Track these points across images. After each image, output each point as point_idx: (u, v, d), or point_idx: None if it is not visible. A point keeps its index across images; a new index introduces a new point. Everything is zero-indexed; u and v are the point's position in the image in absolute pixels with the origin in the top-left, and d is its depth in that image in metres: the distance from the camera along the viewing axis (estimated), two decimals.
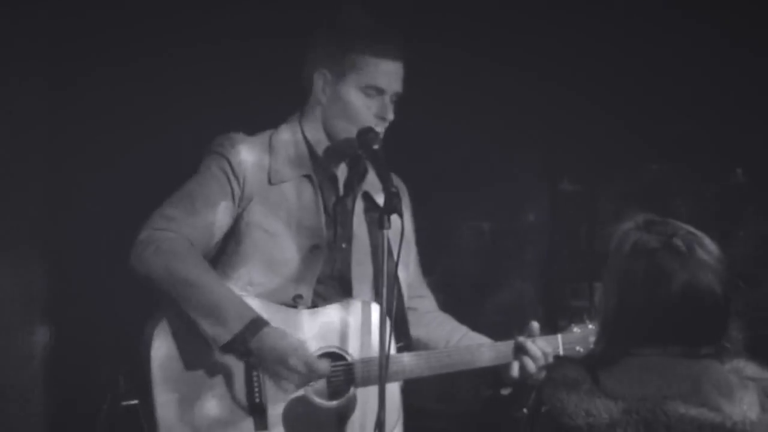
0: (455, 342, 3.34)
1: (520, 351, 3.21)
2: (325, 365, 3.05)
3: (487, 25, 4.57)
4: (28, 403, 4.54)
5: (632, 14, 4.43)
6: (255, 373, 3.06)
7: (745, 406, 2.30)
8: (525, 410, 3.64)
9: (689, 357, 2.34)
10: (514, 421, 3.79)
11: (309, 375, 3.03)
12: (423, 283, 3.49)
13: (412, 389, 3.33)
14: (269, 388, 3.07)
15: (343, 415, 3.15)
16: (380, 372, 2.89)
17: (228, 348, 3.00)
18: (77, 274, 4.63)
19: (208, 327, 2.99)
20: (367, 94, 3.18)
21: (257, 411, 3.07)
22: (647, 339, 2.35)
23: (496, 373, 3.29)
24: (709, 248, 2.37)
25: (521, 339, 3.23)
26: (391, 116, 3.20)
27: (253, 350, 3.01)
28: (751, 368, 2.43)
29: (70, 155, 4.56)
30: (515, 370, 3.23)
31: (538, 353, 3.20)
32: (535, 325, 3.27)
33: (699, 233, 2.40)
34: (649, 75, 4.50)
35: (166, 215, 3.11)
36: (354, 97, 3.18)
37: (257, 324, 3.00)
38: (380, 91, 3.18)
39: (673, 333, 2.34)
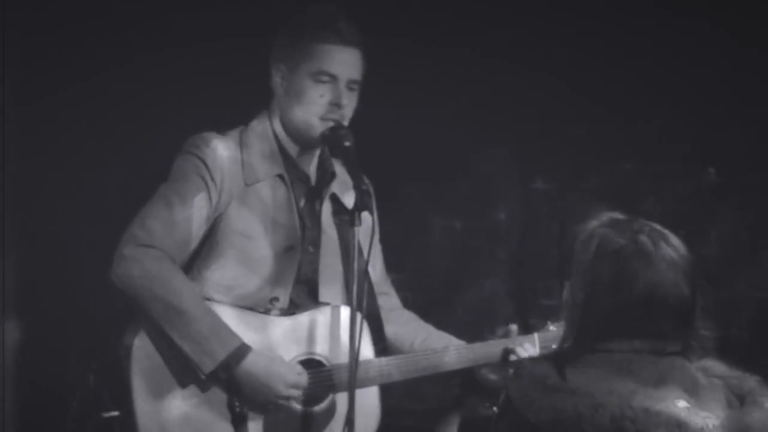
0: (420, 341, 3.34)
1: (510, 355, 3.22)
2: (305, 380, 3.06)
3: (462, 22, 4.57)
4: None
5: (607, 14, 4.43)
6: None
7: (711, 403, 2.30)
8: (495, 409, 3.65)
9: (656, 354, 2.34)
10: (485, 419, 3.80)
11: (295, 396, 3.05)
12: (387, 280, 3.48)
13: (382, 387, 3.31)
14: None
15: (324, 420, 3.15)
16: (350, 370, 2.89)
17: (212, 375, 3.00)
18: (46, 269, 4.61)
19: (192, 354, 2.98)
20: (320, 81, 3.15)
21: (238, 419, 3.06)
22: (614, 335, 2.35)
23: (468, 375, 3.29)
24: (674, 245, 2.38)
25: (510, 345, 3.24)
26: (345, 102, 3.16)
27: (237, 377, 3.00)
28: (719, 367, 2.43)
29: (40, 148, 4.54)
30: (494, 376, 3.25)
31: (525, 354, 3.22)
32: (514, 327, 3.29)
33: (665, 230, 2.41)
34: (623, 74, 4.52)
35: (148, 227, 3.05)
36: (306, 84, 3.16)
37: (242, 351, 3.00)
38: (333, 77, 3.15)
39: (639, 330, 2.34)
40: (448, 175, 4.76)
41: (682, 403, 2.28)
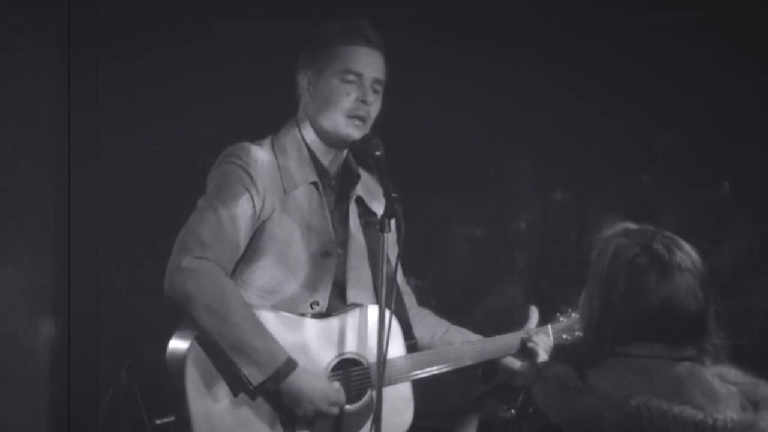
0: (440, 335, 3.38)
1: (527, 343, 3.30)
2: (342, 400, 3.12)
3: (483, 36, 4.62)
4: (33, 394, 4.57)
5: (625, 28, 4.46)
6: None
7: (726, 408, 2.34)
8: (513, 411, 3.69)
9: (673, 359, 2.38)
10: (503, 421, 3.83)
11: (331, 411, 3.10)
12: (404, 281, 3.52)
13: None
14: None
15: (364, 416, 3.18)
16: (378, 368, 2.94)
17: (260, 387, 3.03)
18: (81, 268, 4.66)
19: (242, 366, 3.01)
20: (346, 80, 3.20)
21: (286, 415, 3.11)
22: (631, 340, 2.39)
23: (490, 368, 3.35)
24: (688, 251, 2.42)
25: (525, 335, 3.31)
26: (371, 99, 3.21)
27: (283, 391, 3.05)
28: (733, 374, 2.47)
29: (78, 151, 4.59)
30: (514, 362, 3.31)
31: (542, 342, 3.29)
32: (534, 309, 3.38)
33: (677, 237, 2.45)
34: (641, 89, 4.52)
35: (200, 240, 3.06)
36: (334, 83, 3.20)
37: (289, 366, 3.04)
38: (358, 76, 3.20)
39: (655, 335, 2.38)
40: (470, 185, 4.80)
41: (697, 407, 2.31)
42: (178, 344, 3.11)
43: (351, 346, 3.20)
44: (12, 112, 4.46)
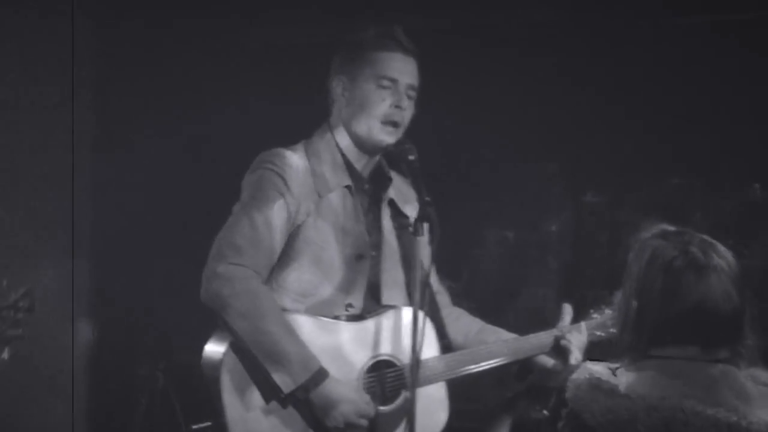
0: (474, 334, 3.39)
1: (561, 341, 3.29)
2: (370, 411, 3.11)
3: (513, 42, 4.62)
4: (71, 396, 4.60)
5: (655, 32, 4.45)
6: None
7: (759, 410, 2.32)
8: (545, 412, 3.68)
9: (707, 361, 2.37)
10: (536, 422, 3.82)
11: (360, 423, 3.10)
12: (438, 280, 3.52)
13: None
14: None
15: (398, 417, 3.18)
16: (412, 369, 2.92)
17: (290, 395, 3.04)
18: (117, 272, 4.70)
19: (274, 373, 3.02)
20: (382, 86, 3.20)
21: (316, 425, 3.11)
22: (666, 342, 2.39)
23: (524, 367, 3.34)
24: (724, 255, 2.41)
25: (559, 333, 3.30)
26: (405, 105, 3.22)
27: (314, 400, 3.05)
28: (766, 376, 2.45)
29: (115, 154, 4.62)
30: (548, 360, 3.31)
31: (575, 340, 3.28)
32: (567, 306, 3.36)
33: (714, 241, 2.44)
34: (671, 92, 4.52)
35: (236, 246, 3.07)
36: (369, 89, 3.21)
37: (320, 375, 3.04)
38: (393, 82, 3.20)
39: (691, 337, 2.38)
40: (503, 189, 4.80)
41: (731, 409, 2.30)
42: (213, 349, 3.12)
43: (385, 348, 3.20)
44: (51, 119, 4.49)
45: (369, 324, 3.20)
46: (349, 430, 3.09)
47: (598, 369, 2.41)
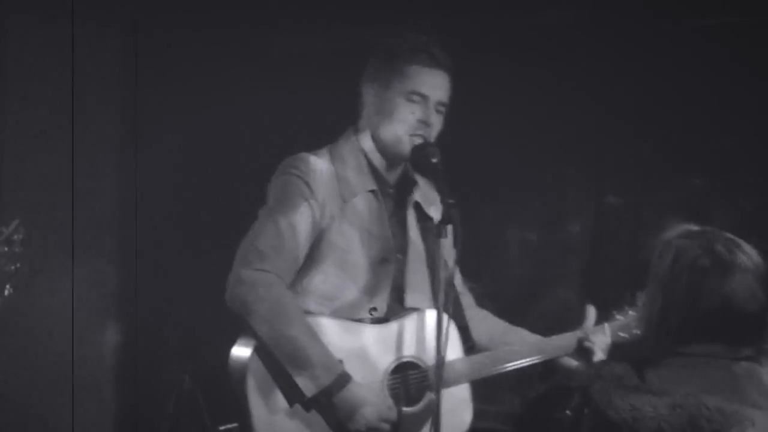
0: (499, 335, 3.39)
1: (584, 342, 3.29)
2: (393, 416, 3.12)
3: (535, 45, 4.62)
4: (101, 396, 4.64)
5: (677, 33, 4.45)
6: None
7: None
8: (568, 412, 3.68)
9: (731, 358, 2.38)
10: (559, 422, 3.83)
11: (382, 428, 3.10)
12: (462, 283, 3.53)
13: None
14: None
15: (423, 418, 3.19)
16: (436, 370, 2.94)
17: (314, 399, 3.05)
18: (147, 277, 4.73)
19: (297, 377, 3.03)
20: (411, 100, 3.19)
21: (339, 428, 3.12)
22: (691, 340, 2.39)
23: (548, 368, 3.35)
24: (749, 253, 2.42)
25: (582, 334, 3.30)
26: (433, 121, 3.21)
27: (336, 404, 3.05)
28: None
29: (146, 159, 4.65)
30: (572, 361, 3.31)
31: (599, 341, 3.28)
32: (591, 308, 3.35)
33: (739, 240, 2.45)
34: (691, 96, 4.51)
35: (260, 252, 3.09)
36: (398, 102, 3.20)
37: (343, 379, 3.05)
38: (423, 97, 3.20)
39: (715, 335, 2.38)
40: (526, 191, 4.81)
41: (754, 406, 2.30)
42: (239, 353, 3.14)
43: (409, 350, 3.21)
44: (88, 120, 4.53)
45: (393, 326, 3.21)
46: None
47: (623, 367, 2.42)
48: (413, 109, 3.19)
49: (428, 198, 3.36)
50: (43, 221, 4.27)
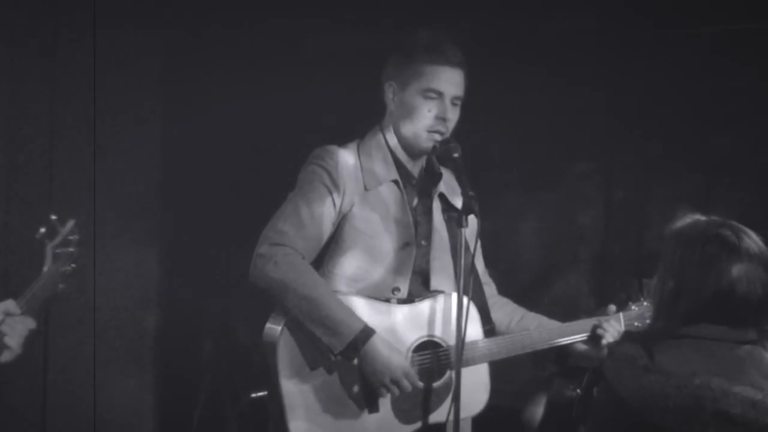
0: (516, 321, 3.41)
1: (598, 329, 3.31)
2: (414, 378, 3.14)
3: (550, 46, 4.64)
4: (141, 375, 4.68)
5: (686, 37, 4.45)
6: None
7: None
8: (578, 390, 3.70)
9: (736, 341, 2.39)
10: (569, 400, 3.85)
11: (404, 384, 3.12)
12: (485, 272, 3.56)
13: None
14: None
15: (442, 394, 3.23)
16: (457, 348, 2.98)
17: (342, 355, 3.08)
18: (183, 261, 4.76)
19: (323, 337, 3.06)
20: (428, 97, 3.22)
21: (370, 395, 3.16)
22: (698, 321, 2.40)
23: (562, 352, 3.37)
24: (755, 239, 2.44)
25: (597, 322, 3.32)
26: (450, 116, 3.24)
27: (362, 356, 3.08)
28: None
29: (185, 151, 4.68)
30: (585, 346, 3.32)
31: (611, 329, 3.30)
32: (612, 307, 3.37)
33: (744, 227, 2.47)
34: (695, 97, 4.51)
35: (279, 230, 3.14)
36: (416, 100, 3.23)
37: (366, 333, 3.08)
38: (439, 94, 3.22)
39: (721, 318, 2.39)
40: (540, 184, 4.83)
41: (757, 387, 2.32)
42: (271, 327, 3.17)
43: (433, 330, 3.24)
44: (121, 111, 4.55)
45: (419, 307, 3.24)
46: (394, 387, 3.10)
47: (634, 347, 2.43)
48: (430, 106, 3.22)
49: (453, 188, 3.38)
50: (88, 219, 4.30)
